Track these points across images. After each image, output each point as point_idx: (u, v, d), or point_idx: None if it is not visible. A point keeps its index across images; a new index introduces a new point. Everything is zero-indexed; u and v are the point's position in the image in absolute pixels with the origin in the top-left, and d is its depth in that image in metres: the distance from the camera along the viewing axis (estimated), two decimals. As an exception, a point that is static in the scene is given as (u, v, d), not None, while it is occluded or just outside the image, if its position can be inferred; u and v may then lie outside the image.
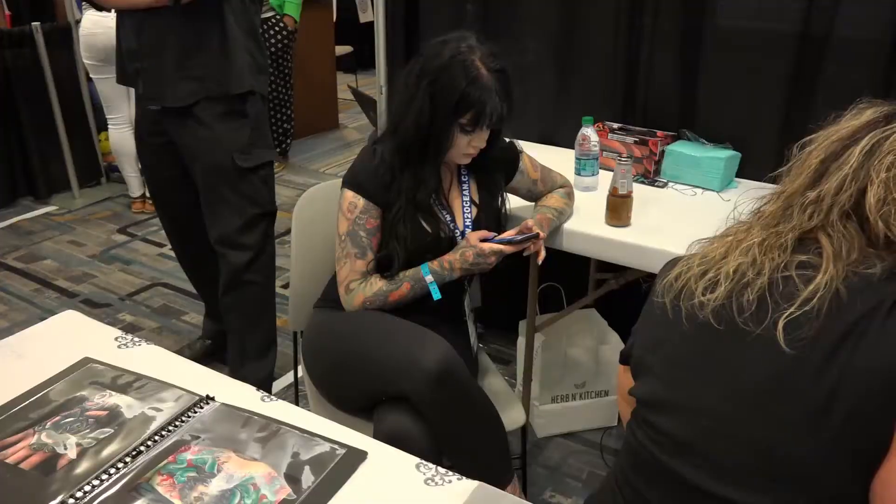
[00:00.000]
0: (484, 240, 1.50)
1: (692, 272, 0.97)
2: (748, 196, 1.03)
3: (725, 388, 0.90)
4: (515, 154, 1.68)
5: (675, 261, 1.04)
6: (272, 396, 1.13)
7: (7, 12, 3.94)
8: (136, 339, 1.26)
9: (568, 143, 2.11)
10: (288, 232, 3.12)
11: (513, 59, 1.50)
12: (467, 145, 1.49)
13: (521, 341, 2.18)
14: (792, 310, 0.86)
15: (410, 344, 1.39)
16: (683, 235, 1.63)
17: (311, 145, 5.06)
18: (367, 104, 3.67)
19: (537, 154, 1.78)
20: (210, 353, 2.47)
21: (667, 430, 0.95)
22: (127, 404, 1.10)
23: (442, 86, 1.42)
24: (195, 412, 1.08)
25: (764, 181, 1.79)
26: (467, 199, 1.60)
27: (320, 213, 1.75)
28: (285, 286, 2.88)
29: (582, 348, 2.13)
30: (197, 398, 1.11)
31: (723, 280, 0.92)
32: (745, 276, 0.91)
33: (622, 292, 1.90)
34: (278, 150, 4.42)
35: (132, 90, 2.28)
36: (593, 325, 2.19)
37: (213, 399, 1.11)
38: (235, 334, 2.16)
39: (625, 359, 1.13)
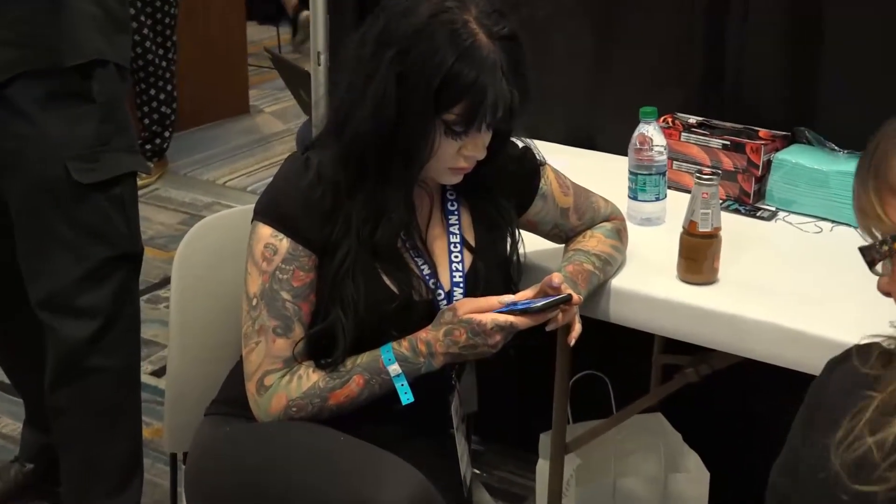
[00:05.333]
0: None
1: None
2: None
3: None
4: (535, 167, 1.70)
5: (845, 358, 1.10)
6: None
7: None
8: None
9: (616, 147, 2.14)
10: (165, 284, 3.10)
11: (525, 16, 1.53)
12: (457, 155, 1.51)
13: (543, 466, 2.18)
14: None
15: (362, 476, 1.38)
16: (805, 298, 1.65)
17: (204, 140, 5.04)
18: (294, 78, 3.69)
19: (568, 167, 1.80)
20: (33, 485, 2.44)
21: None
22: None
23: (417, 61, 1.44)
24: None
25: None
26: (457, 239, 1.61)
27: (218, 254, 1.76)
28: (158, 373, 2.86)
29: (641, 477, 2.13)
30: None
31: None
32: None
33: (705, 387, 1.92)
34: (148, 149, 4.43)
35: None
36: (659, 440, 2.19)
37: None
38: (74, 454, 2.14)
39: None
